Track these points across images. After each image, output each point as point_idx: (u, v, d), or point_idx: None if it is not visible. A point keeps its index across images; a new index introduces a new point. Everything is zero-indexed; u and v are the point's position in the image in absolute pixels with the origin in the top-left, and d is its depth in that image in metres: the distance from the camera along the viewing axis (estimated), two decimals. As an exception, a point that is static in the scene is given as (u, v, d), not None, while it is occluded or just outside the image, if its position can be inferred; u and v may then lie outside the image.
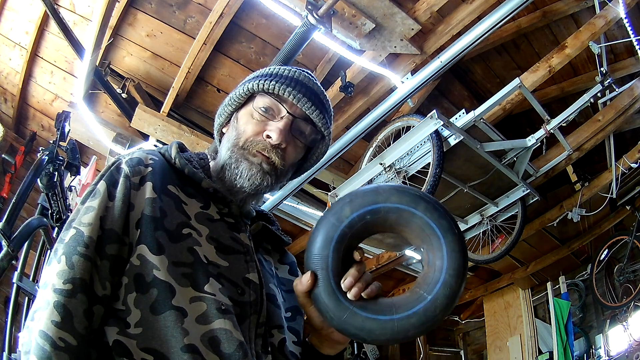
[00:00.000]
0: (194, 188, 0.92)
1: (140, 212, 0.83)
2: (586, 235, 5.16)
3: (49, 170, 2.18)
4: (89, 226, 0.79)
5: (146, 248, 0.79)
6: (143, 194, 0.84)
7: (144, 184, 0.86)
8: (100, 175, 0.88)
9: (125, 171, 0.86)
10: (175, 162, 0.92)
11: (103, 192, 0.83)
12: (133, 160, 0.88)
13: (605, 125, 3.74)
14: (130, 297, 0.77)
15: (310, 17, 2.39)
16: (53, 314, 0.73)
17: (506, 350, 5.76)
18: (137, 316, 0.76)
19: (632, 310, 4.48)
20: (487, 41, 3.80)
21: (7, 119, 4.24)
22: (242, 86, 0.99)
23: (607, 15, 3.19)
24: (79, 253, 0.77)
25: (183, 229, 0.83)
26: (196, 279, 0.80)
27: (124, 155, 0.92)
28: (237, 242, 0.90)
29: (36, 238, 2.94)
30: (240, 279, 0.85)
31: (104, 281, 0.78)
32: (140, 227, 0.81)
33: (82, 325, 0.74)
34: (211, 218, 0.89)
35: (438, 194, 3.33)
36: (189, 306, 0.77)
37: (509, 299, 6.07)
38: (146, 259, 0.79)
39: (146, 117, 3.72)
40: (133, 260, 0.79)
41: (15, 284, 2.79)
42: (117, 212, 0.82)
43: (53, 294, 0.74)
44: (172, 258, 0.80)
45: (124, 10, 3.58)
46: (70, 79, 3.98)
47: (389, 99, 3.35)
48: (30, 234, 2.01)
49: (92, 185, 0.87)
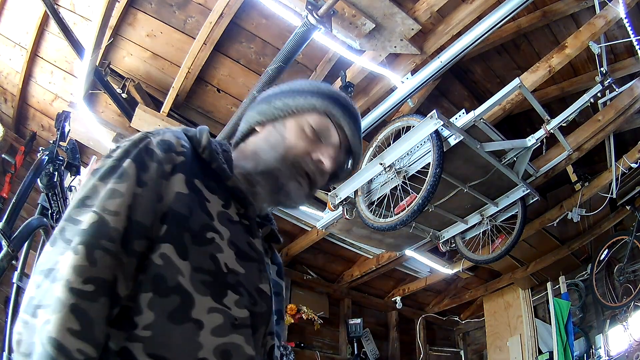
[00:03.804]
0: (215, 182, 0.85)
1: (168, 206, 0.75)
2: (586, 235, 5.16)
3: (49, 170, 2.18)
4: (116, 216, 0.70)
5: (172, 249, 0.73)
6: (173, 185, 0.77)
7: (175, 174, 0.78)
8: (124, 151, 0.78)
9: (157, 155, 0.78)
10: (204, 154, 0.85)
11: (133, 176, 0.74)
12: (165, 144, 0.80)
13: (605, 125, 3.74)
14: (143, 297, 0.70)
15: (310, 17, 2.39)
16: (70, 320, 0.63)
17: (506, 350, 5.76)
18: (148, 318, 0.69)
19: (632, 310, 4.48)
20: (487, 41, 3.80)
21: (7, 119, 4.23)
22: (304, 98, 0.95)
23: (607, 15, 3.19)
24: (103, 248, 0.68)
25: (207, 232, 0.78)
26: (215, 289, 0.75)
27: (152, 133, 0.82)
28: (252, 248, 0.85)
29: (36, 238, 2.93)
30: (253, 289, 0.82)
31: (128, 281, 0.70)
32: (166, 223, 0.74)
33: (102, 333, 0.66)
34: (231, 219, 0.84)
35: (438, 194, 3.33)
36: (206, 317, 0.73)
37: (509, 299, 6.07)
38: (171, 262, 0.72)
39: (146, 117, 3.72)
40: (154, 258, 0.72)
41: (15, 284, 2.79)
42: (147, 203, 0.74)
43: (70, 295, 0.64)
44: (194, 264, 0.74)
45: (124, 10, 3.58)
46: (70, 79, 3.98)
47: (389, 99, 3.36)
48: (30, 234, 2.01)
49: (114, 160, 0.77)
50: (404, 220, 3.24)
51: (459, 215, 4.00)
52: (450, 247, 4.29)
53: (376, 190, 3.70)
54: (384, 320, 6.70)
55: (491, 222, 4.02)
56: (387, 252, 5.38)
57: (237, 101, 4.12)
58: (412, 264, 5.94)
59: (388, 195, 3.51)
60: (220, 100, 4.19)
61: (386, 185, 3.54)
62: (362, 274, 5.92)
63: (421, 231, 4.09)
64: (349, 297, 6.33)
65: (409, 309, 6.81)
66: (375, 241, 4.43)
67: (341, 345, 6.00)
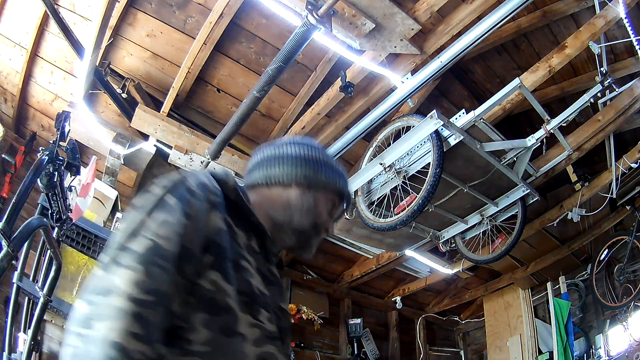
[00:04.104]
0: (239, 217, 0.99)
1: (211, 238, 0.87)
2: (586, 235, 5.16)
3: (49, 170, 2.17)
4: (169, 240, 0.80)
5: (219, 275, 0.85)
6: (212, 221, 0.89)
7: (213, 211, 0.91)
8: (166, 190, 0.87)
9: (198, 194, 0.89)
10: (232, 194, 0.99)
11: (180, 211, 0.84)
12: (202, 185, 0.92)
13: (605, 125, 3.73)
14: (197, 317, 0.81)
15: (310, 17, 2.38)
16: (132, 325, 0.69)
17: (506, 350, 5.76)
18: (205, 336, 0.80)
19: (632, 310, 4.48)
20: (487, 41, 3.80)
21: (7, 119, 4.23)
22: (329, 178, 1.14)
23: (607, 15, 3.18)
24: (160, 266, 0.76)
25: (241, 260, 0.92)
26: (253, 307, 0.90)
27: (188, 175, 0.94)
28: (271, 273, 1.02)
29: (36, 238, 2.94)
30: (277, 307, 0.99)
31: (180, 301, 0.79)
32: (210, 253, 0.86)
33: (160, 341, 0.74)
34: (254, 250, 0.99)
35: (438, 194, 3.33)
36: (248, 331, 0.87)
37: (509, 299, 6.07)
38: (220, 286, 0.85)
39: (146, 117, 3.72)
40: (203, 283, 0.83)
41: (15, 284, 2.79)
42: (194, 233, 0.84)
43: (131, 304, 0.71)
44: (237, 287, 0.88)
45: (124, 10, 3.58)
46: (70, 79, 3.98)
47: (389, 99, 3.35)
48: (30, 234, 2.01)
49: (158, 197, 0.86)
50: (404, 220, 3.24)
51: (459, 215, 4.00)
52: (450, 247, 4.29)
53: (376, 190, 3.70)
54: (384, 320, 6.70)
55: (491, 222, 4.02)
56: (387, 252, 5.38)
57: (237, 101, 4.12)
58: (412, 264, 5.94)
59: (388, 195, 3.51)
60: (220, 100, 4.19)
61: (386, 185, 3.54)
62: (362, 274, 5.92)
63: (421, 231, 4.09)
64: (349, 297, 6.33)
65: (409, 309, 6.81)
66: (375, 241, 4.43)
67: (341, 345, 6.00)
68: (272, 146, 1.16)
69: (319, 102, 3.77)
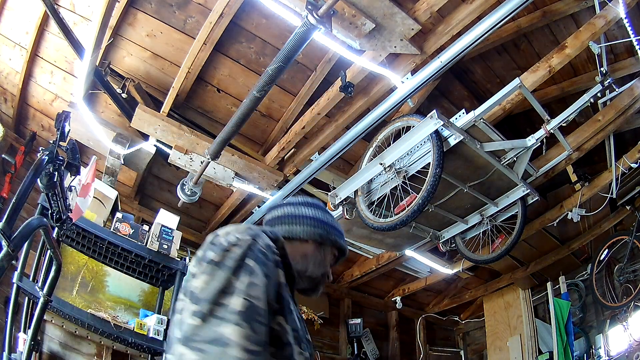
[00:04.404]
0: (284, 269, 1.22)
1: (279, 293, 1.14)
2: (586, 235, 5.16)
3: (49, 170, 2.17)
4: (260, 300, 1.02)
5: (283, 319, 1.13)
6: (279, 276, 1.15)
7: (279, 269, 1.16)
8: (243, 252, 1.07)
9: (268, 256, 1.12)
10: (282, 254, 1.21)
11: (260, 272, 1.06)
12: (269, 247, 1.15)
13: (605, 125, 3.74)
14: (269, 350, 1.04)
15: (310, 17, 2.38)
16: None
17: (506, 350, 5.76)
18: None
19: (632, 310, 4.48)
20: (487, 41, 3.80)
21: (7, 119, 4.23)
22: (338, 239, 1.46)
23: (607, 15, 3.18)
24: (259, 322, 0.99)
25: (291, 304, 1.20)
26: (298, 341, 1.17)
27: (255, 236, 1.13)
28: (299, 311, 1.29)
29: (36, 238, 2.94)
30: (306, 340, 1.24)
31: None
32: (278, 303, 1.12)
33: None
34: (291, 295, 1.26)
35: (438, 194, 3.33)
36: (298, 358, 1.14)
37: (509, 299, 6.07)
38: (283, 327, 1.12)
39: (146, 117, 3.72)
40: (273, 325, 1.09)
41: (15, 284, 2.80)
42: (272, 290, 1.09)
43: (246, 354, 0.93)
44: (292, 326, 1.16)
45: (124, 10, 3.58)
46: (70, 79, 3.98)
47: (389, 99, 3.35)
48: (30, 234, 2.00)
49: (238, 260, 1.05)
50: (404, 220, 3.24)
51: (459, 215, 4.00)
52: (450, 247, 4.29)
53: (376, 190, 3.70)
54: (384, 320, 6.70)
55: (491, 222, 4.02)
56: (387, 252, 5.38)
57: (237, 101, 4.13)
58: (412, 264, 5.94)
59: (388, 195, 3.51)
60: (221, 100, 4.19)
61: (386, 185, 3.54)
62: (362, 274, 5.92)
63: (421, 231, 4.09)
64: (349, 297, 6.33)
65: (409, 309, 6.81)
66: (375, 241, 4.43)
67: (341, 345, 6.00)
68: (291, 206, 1.44)
69: (319, 102, 3.77)
